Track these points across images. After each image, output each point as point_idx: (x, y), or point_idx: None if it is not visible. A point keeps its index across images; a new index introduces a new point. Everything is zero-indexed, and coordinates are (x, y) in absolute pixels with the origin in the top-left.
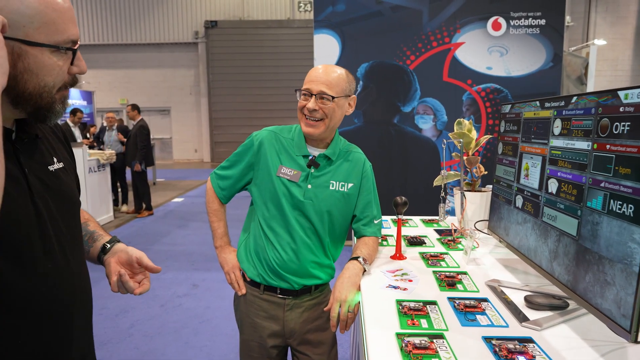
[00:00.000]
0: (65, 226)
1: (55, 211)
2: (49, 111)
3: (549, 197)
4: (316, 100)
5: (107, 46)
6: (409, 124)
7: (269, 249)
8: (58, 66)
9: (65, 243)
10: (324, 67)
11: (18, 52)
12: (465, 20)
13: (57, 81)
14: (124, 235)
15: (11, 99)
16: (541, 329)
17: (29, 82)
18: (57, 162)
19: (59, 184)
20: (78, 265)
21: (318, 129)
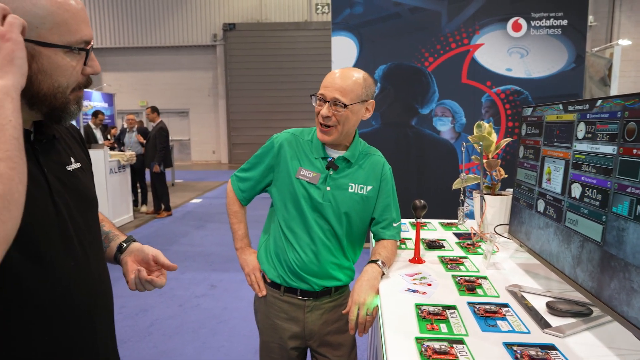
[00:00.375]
0: (84, 225)
1: (75, 210)
2: (64, 112)
3: (572, 201)
4: (329, 106)
5: (127, 49)
6: (426, 126)
7: (289, 251)
8: (71, 67)
9: (85, 242)
10: (340, 72)
11: (32, 53)
12: (484, 21)
13: (70, 82)
14: (143, 236)
15: (27, 100)
16: (564, 335)
17: (43, 83)
18: (74, 162)
19: (77, 183)
20: (98, 264)
21: (330, 135)
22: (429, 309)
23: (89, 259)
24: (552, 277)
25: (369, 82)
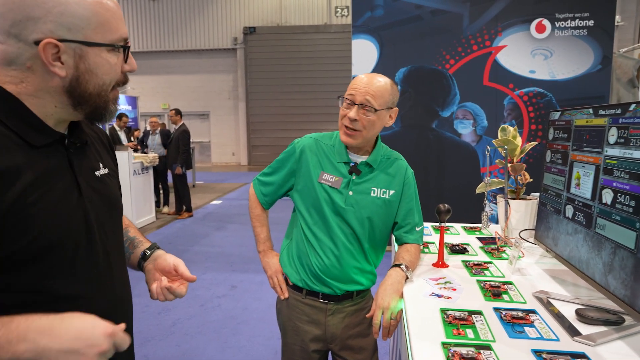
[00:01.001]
0: (110, 231)
1: (101, 216)
2: (105, 110)
3: (603, 207)
4: (358, 109)
5: (150, 53)
6: (447, 129)
7: (311, 254)
8: (114, 64)
9: (109, 249)
10: (368, 77)
11: (79, 54)
12: (507, 23)
13: (112, 80)
14: (165, 236)
15: (73, 100)
16: (595, 344)
17: (89, 83)
18: (102, 167)
19: (105, 189)
20: (120, 272)
21: (355, 139)
22: (454, 314)
23: (110, 266)
24: (580, 283)
25: (395, 89)
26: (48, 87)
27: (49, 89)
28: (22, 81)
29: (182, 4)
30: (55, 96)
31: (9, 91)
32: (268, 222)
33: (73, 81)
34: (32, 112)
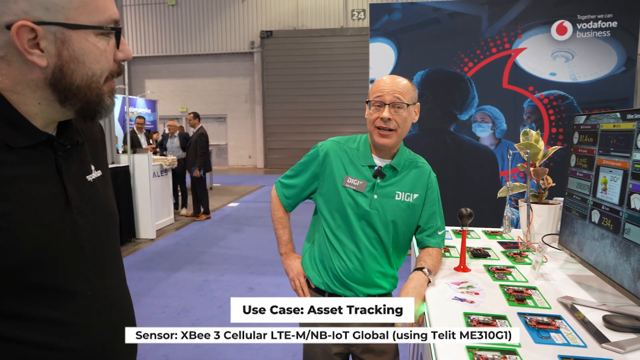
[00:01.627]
0: (104, 244)
1: (94, 228)
2: (99, 105)
3: (632, 213)
4: (390, 108)
5: (169, 57)
6: (465, 132)
7: (334, 258)
8: (104, 51)
9: (105, 263)
10: (390, 77)
11: (61, 39)
12: (527, 25)
13: (104, 69)
14: (183, 238)
15: (58, 95)
16: (624, 352)
17: (76, 73)
18: (94, 169)
19: (98, 196)
20: (118, 289)
21: (391, 139)
22: (478, 318)
23: (106, 283)
24: (607, 289)
25: (414, 86)
26: (28, 81)
27: (29, 82)
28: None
29: (200, 9)
30: (37, 91)
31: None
32: (290, 224)
33: (56, 72)
34: (13, 108)
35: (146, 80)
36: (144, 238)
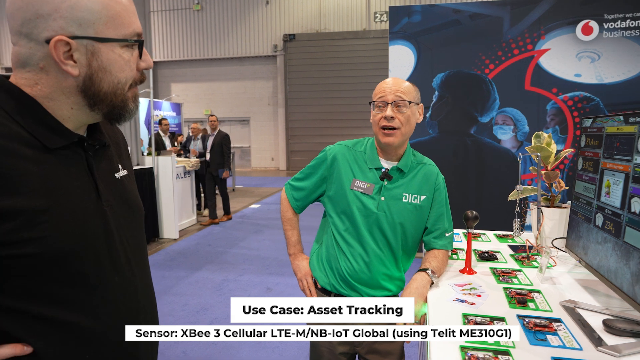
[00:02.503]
0: (131, 236)
1: (122, 220)
2: (123, 109)
3: (632, 216)
4: (392, 107)
5: (194, 61)
6: (486, 135)
7: (341, 259)
8: (128, 61)
9: (131, 254)
10: (392, 79)
11: (92, 51)
12: (550, 25)
13: (128, 77)
14: (205, 238)
15: (88, 100)
16: (620, 355)
17: (103, 81)
18: (121, 169)
19: (125, 192)
20: (143, 277)
21: (396, 137)
22: (476, 319)
23: (133, 272)
24: (613, 294)
25: (416, 88)
26: (62, 88)
27: (64, 89)
28: (36, 83)
29: (225, 14)
30: (70, 97)
31: (26, 92)
32: (299, 226)
33: (87, 80)
34: (49, 114)
35: (172, 84)
36: (167, 238)
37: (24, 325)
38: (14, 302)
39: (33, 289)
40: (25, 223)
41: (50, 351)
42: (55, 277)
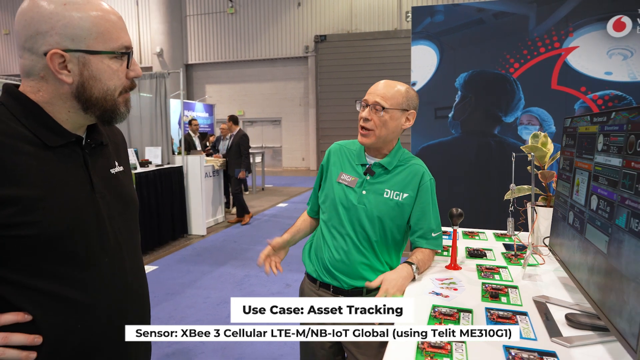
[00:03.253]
0: (123, 224)
1: (115, 210)
2: (114, 112)
3: (591, 213)
4: (370, 110)
5: (228, 63)
6: (511, 135)
7: (325, 249)
8: (116, 70)
9: (122, 239)
10: (384, 82)
11: (83, 62)
12: (579, 22)
13: (117, 85)
14: (232, 235)
15: (82, 104)
16: (571, 345)
17: (94, 88)
18: (117, 165)
19: (120, 186)
20: (134, 261)
21: (369, 138)
22: (442, 310)
23: (122, 255)
24: None
25: (411, 94)
26: (60, 94)
27: (61, 95)
28: (39, 90)
29: (258, 16)
30: (66, 102)
31: (31, 98)
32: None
33: (79, 87)
34: (50, 116)
35: (206, 85)
36: (195, 234)
37: (25, 296)
38: (18, 277)
39: (32, 266)
40: (24, 209)
41: (47, 320)
42: (51, 255)
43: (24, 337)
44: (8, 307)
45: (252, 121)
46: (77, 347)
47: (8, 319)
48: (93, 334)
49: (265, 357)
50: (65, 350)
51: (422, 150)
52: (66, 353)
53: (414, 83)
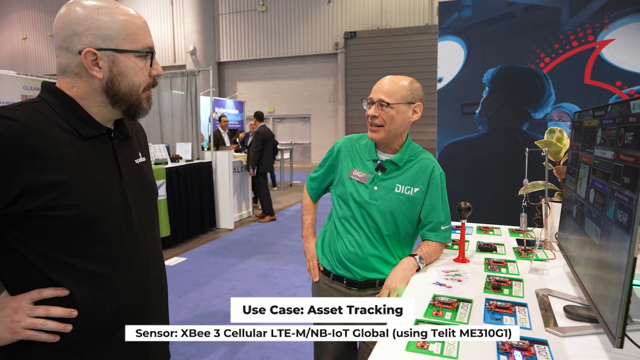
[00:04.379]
0: (145, 210)
1: (138, 197)
2: (138, 107)
3: (589, 206)
4: (376, 107)
5: (259, 60)
6: (540, 132)
7: (338, 242)
8: (141, 68)
9: (144, 224)
10: (388, 78)
11: (112, 60)
12: (616, 14)
13: (142, 81)
14: (258, 230)
15: (110, 99)
16: (564, 335)
17: (122, 83)
18: (141, 156)
19: (142, 175)
20: (152, 245)
21: (379, 134)
22: (442, 299)
23: (145, 237)
24: None
25: (415, 86)
26: (92, 89)
27: (93, 90)
28: (73, 86)
29: (288, 13)
30: (97, 96)
31: (67, 94)
32: (315, 212)
33: (109, 82)
34: (84, 110)
35: (238, 82)
36: (223, 228)
37: (63, 272)
38: (57, 254)
39: (69, 244)
40: (64, 192)
41: (81, 294)
42: (85, 236)
43: (62, 310)
44: (48, 281)
45: (282, 118)
46: (105, 318)
47: (49, 293)
48: (119, 307)
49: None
50: (95, 321)
51: (448, 147)
52: (97, 324)
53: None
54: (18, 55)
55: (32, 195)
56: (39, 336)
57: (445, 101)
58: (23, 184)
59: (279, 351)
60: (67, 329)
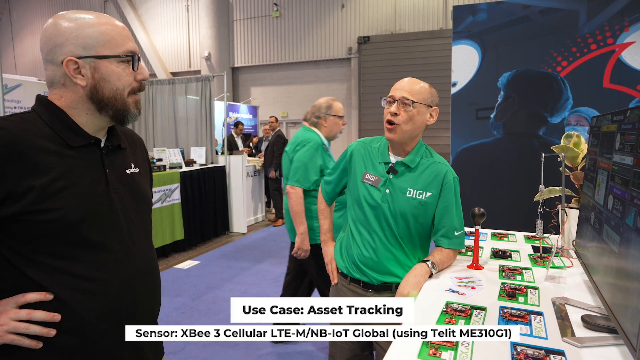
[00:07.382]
0: (136, 217)
1: (128, 204)
2: (126, 112)
3: (608, 213)
4: (398, 104)
5: (273, 65)
6: (557, 136)
7: (354, 246)
8: (123, 72)
9: (134, 230)
10: (408, 78)
11: (94, 66)
12: (636, 16)
13: (125, 85)
14: (271, 233)
15: (96, 105)
16: (581, 346)
17: (105, 88)
18: (133, 167)
19: (134, 184)
20: (144, 249)
21: (396, 133)
22: (455, 306)
23: (134, 242)
24: None
25: (434, 91)
26: (78, 98)
27: (79, 99)
28: (61, 97)
29: (302, 18)
30: (83, 104)
31: (56, 104)
32: (331, 216)
33: (92, 89)
34: (72, 120)
35: (252, 87)
36: (237, 232)
37: (48, 275)
38: (42, 258)
39: (54, 248)
40: (47, 196)
41: (66, 297)
42: (69, 239)
43: (45, 314)
44: (33, 285)
45: (295, 122)
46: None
47: (32, 297)
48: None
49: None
50: (82, 324)
51: (462, 152)
52: (84, 327)
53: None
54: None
55: (17, 199)
56: (22, 341)
57: (459, 106)
58: (9, 188)
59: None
60: (51, 333)
